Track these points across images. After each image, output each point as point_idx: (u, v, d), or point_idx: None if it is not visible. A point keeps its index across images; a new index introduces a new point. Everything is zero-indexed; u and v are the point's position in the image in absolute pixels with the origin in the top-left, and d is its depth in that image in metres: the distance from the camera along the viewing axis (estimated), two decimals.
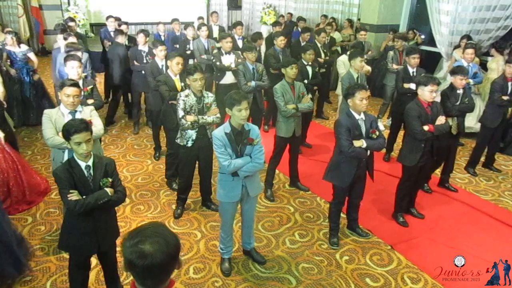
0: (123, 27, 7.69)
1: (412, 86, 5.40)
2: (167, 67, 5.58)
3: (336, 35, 9.08)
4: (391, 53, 6.79)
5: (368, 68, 6.58)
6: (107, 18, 8.24)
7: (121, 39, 6.84)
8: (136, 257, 1.43)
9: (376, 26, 8.63)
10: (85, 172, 2.71)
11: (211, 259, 3.75)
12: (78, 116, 3.51)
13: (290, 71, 4.56)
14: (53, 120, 3.48)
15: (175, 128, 4.56)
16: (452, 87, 4.64)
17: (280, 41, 6.64)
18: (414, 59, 5.51)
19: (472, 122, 6.40)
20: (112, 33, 7.99)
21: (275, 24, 9.09)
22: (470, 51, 5.68)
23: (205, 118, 4.05)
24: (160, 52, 5.51)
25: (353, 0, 10.41)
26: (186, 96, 4.03)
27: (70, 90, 3.43)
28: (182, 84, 4.75)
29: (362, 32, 7.44)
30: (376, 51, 8.54)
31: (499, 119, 5.20)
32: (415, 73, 5.52)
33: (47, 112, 3.54)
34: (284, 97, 4.54)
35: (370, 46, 7.78)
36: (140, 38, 6.51)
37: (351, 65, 5.46)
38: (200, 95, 4.08)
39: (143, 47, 6.49)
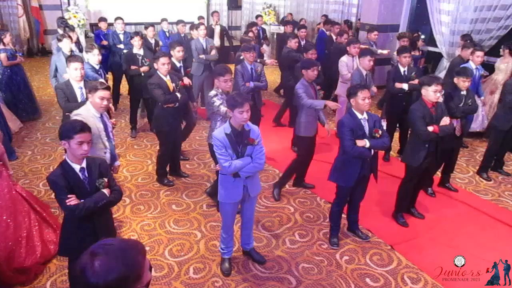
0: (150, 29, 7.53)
1: (405, 86, 5.36)
2: (185, 68, 5.63)
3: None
4: (395, 54, 6.78)
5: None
6: (116, 19, 8.02)
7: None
8: (79, 270, 1.30)
9: (376, 26, 8.62)
10: (80, 174, 2.69)
11: (211, 259, 3.75)
12: (104, 119, 3.64)
13: (311, 73, 4.64)
14: (91, 122, 3.40)
15: (169, 130, 4.73)
16: (455, 88, 4.62)
17: (294, 43, 6.70)
18: (406, 58, 5.48)
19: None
20: (121, 36, 7.91)
21: (285, 23, 9.16)
22: (480, 53, 5.57)
23: None
24: (178, 53, 5.55)
25: (352, 0, 10.43)
26: (215, 95, 4.12)
27: (104, 93, 3.48)
28: (173, 84, 4.76)
29: (376, 32, 7.44)
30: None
31: (511, 122, 5.07)
32: (406, 72, 5.51)
33: (83, 114, 3.47)
34: (306, 94, 4.63)
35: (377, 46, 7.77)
36: (135, 41, 6.26)
37: (360, 62, 5.49)
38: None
39: (138, 50, 6.28)
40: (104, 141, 3.63)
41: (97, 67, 5.49)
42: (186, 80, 5.49)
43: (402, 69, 5.53)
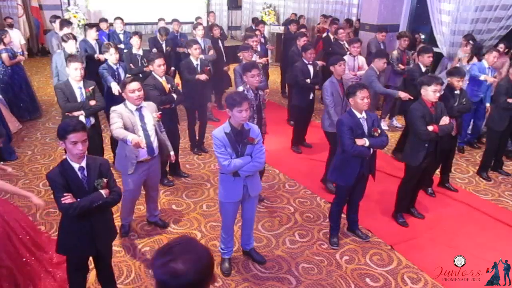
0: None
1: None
2: (201, 67, 5.61)
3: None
4: (394, 53, 6.75)
5: None
6: (115, 19, 8.00)
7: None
8: (169, 277, 1.32)
9: (376, 26, 8.62)
10: (79, 173, 2.68)
11: None
12: (144, 112, 3.71)
13: (339, 68, 4.73)
14: (125, 117, 3.60)
15: (166, 131, 4.64)
16: (449, 88, 4.63)
17: (303, 42, 6.66)
18: (429, 58, 5.56)
19: None
20: (121, 35, 7.89)
21: (290, 22, 9.21)
22: (495, 54, 5.60)
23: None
24: (195, 50, 5.57)
25: (353, 0, 10.43)
26: (242, 91, 4.16)
27: (134, 85, 3.58)
28: (169, 85, 4.77)
29: (384, 33, 7.45)
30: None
31: (505, 122, 5.09)
32: (428, 72, 5.56)
33: (118, 109, 3.63)
34: (333, 96, 4.74)
35: (385, 47, 7.75)
36: (135, 41, 6.27)
37: (374, 62, 5.59)
38: (256, 92, 4.31)
39: (137, 50, 6.28)
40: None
41: (114, 66, 5.39)
42: (203, 77, 5.56)
43: (423, 69, 5.58)
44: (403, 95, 5.40)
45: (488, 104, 5.95)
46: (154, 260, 1.38)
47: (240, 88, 4.28)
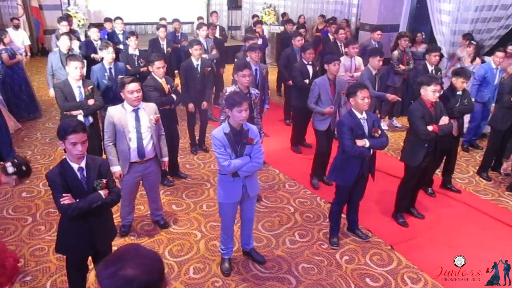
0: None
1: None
2: (202, 67, 5.59)
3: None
4: (395, 53, 6.74)
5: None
6: (115, 19, 8.00)
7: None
8: (121, 285, 1.28)
9: (376, 26, 8.62)
10: (78, 174, 2.68)
11: (211, 259, 3.75)
12: (141, 113, 3.67)
13: (333, 68, 4.74)
14: (116, 118, 3.59)
15: (165, 132, 4.66)
16: (451, 89, 4.62)
17: (298, 41, 6.63)
18: (436, 57, 5.59)
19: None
20: (120, 36, 7.89)
21: (286, 22, 9.21)
22: (500, 54, 5.63)
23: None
24: (195, 51, 5.53)
25: (353, 0, 10.43)
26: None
27: (132, 86, 3.55)
28: (169, 86, 4.77)
29: (379, 32, 7.41)
30: None
31: (509, 122, 5.08)
32: (434, 71, 5.60)
33: (110, 111, 3.62)
34: (320, 95, 4.77)
35: (382, 47, 7.72)
36: (132, 42, 6.24)
37: (369, 62, 5.61)
38: (247, 92, 4.24)
39: (134, 51, 6.26)
40: (128, 139, 3.64)
41: (107, 66, 5.25)
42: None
43: (430, 68, 5.59)
44: (391, 97, 5.49)
45: (493, 105, 5.95)
46: (100, 272, 1.33)
47: (231, 88, 4.24)
